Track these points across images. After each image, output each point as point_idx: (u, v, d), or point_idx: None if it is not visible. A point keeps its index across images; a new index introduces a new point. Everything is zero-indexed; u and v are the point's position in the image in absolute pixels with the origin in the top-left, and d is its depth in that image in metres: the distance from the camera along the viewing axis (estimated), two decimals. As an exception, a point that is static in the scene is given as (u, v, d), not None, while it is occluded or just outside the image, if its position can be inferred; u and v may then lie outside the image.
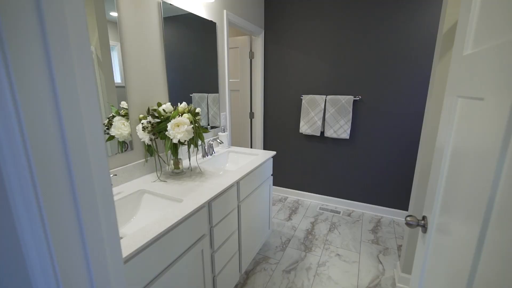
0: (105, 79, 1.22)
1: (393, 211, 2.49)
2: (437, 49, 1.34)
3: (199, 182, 1.30)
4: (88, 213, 0.37)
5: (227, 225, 1.34)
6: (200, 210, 1.10)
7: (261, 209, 1.80)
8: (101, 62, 1.19)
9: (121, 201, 1.13)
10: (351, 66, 2.37)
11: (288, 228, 2.31)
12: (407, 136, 2.29)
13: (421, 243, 0.86)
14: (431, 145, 1.40)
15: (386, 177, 2.45)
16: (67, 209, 0.34)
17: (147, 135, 1.23)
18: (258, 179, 1.68)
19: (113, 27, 1.20)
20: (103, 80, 1.21)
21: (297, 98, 2.67)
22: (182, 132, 1.22)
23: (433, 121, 1.38)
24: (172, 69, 1.55)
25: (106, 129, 1.25)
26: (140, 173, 1.37)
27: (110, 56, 1.22)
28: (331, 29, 2.38)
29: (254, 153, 1.87)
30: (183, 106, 1.34)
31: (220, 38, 1.98)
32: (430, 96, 1.40)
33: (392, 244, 2.08)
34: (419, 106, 2.19)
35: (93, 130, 0.36)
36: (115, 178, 1.22)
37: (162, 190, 1.21)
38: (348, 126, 2.40)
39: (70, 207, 0.34)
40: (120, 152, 1.32)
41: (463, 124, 0.63)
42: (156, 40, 1.41)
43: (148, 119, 1.24)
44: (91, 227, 0.37)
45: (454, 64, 0.72)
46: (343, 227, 2.33)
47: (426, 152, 1.43)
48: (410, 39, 2.12)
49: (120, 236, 1.06)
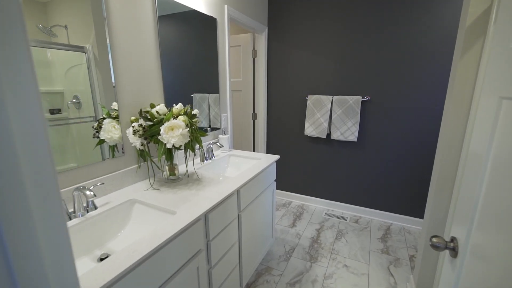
0: (102, 79, 1.13)
1: (403, 217, 2.36)
2: (458, 44, 1.21)
3: (196, 191, 1.19)
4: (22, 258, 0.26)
5: (226, 238, 1.23)
6: (196, 224, 0.99)
7: (264, 217, 1.68)
8: (98, 61, 1.11)
9: (108, 212, 1.03)
10: (360, 64, 2.24)
11: (292, 236, 2.19)
12: (419, 138, 2.15)
13: (448, 269, 0.74)
14: (451, 149, 1.27)
15: (395, 182, 2.32)
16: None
17: (139, 140, 1.12)
18: (261, 185, 1.57)
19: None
20: (100, 80, 1.13)
21: (302, 99, 2.55)
22: (176, 136, 1.11)
23: (453, 123, 1.25)
24: (169, 68, 1.44)
25: (95, 132, 1.15)
26: (132, 180, 1.27)
27: (108, 55, 1.14)
28: (338, 26, 2.25)
29: (256, 157, 1.76)
30: (178, 108, 1.23)
31: (221, 35, 1.87)
32: (450, 96, 1.27)
33: (403, 254, 1.95)
34: (434, 107, 2.06)
35: (29, 131, 0.26)
36: (103, 187, 1.12)
37: (155, 199, 1.10)
38: (356, 128, 2.27)
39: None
40: (112, 157, 1.22)
41: (510, 129, 0.51)
42: (149, 35, 1.30)
43: (139, 122, 1.13)
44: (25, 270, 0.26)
45: (494, 59, 0.60)
46: (350, 234, 2.21)
47: (445, 156, 1.30)
48: (425, 35, 1.98)
49: (106, 253, 0.96)
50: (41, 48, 0.89)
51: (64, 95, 0.97)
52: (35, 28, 0.87)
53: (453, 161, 1.27)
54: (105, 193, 1.14)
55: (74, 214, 0.95)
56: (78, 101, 1.04)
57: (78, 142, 1.06)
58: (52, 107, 0.94)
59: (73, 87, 1.00)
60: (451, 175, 1.29)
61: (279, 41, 2.53)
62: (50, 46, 0.91)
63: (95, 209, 1.00)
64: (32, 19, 0.86)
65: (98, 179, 1.10)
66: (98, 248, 0.97)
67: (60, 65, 0.94)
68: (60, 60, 0.94)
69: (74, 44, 0.99)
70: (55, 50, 0.92)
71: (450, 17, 1.88)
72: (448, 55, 1.94)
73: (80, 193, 0.94)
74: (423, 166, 2.19)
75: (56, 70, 0.93)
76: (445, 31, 1.91)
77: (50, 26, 0.91)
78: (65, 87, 0.97)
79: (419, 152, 2.18)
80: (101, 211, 1.01)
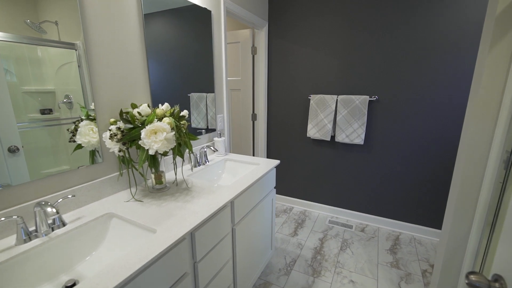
0: (87, 76, 1.01)
1: (413, 226, 2.19)
2: (486, 36, 1.05)
3: (183, 203, 1.04)
4: None
5: (218, 256, 1.09)
6: (180, 244, 0.85)
7: (262, 228, 1.53)
8: (87, 57, 1.00)
9: (79, 229, 0.88)
10: (367, 61, 2.08)
11: (294, 246, 2.04)
12: (432, 141, 1.99)
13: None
14: (475, 154, 1.11)
15: (405, 188, 2.16)
16: None
17: (117, 145, 0.98)
18: (259, 193, 1.42)
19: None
20: (87, 78, 1.01)
21: (305, 98, 2.40)
22: (160, 141, 0.97)
23: (479, 126, 1.09)
24: (159, 65, 1.30)
25: (72, 135, 1.01)
26: (113, 190, 1.13)
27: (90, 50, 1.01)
28: (344, 20, 2.10)
29: (254, 162, 1.61)
30: (164, 108, 1.09)
31: (217, 29, 1.72)
32: (475, 95, 1.11)
33: (415, 269, 1.78)
34: (450, 107, 1.89)
35: None
36: (72, 200, 0.97)
37: (134, 213, 0.96)
38: (363, 130, 2.11)
39: None
40: (91, 163, 1.08)
41: None
42: (133, 25, 1.16)
43: (118, 125, 0.99)
44: None
45: None
46: (356, 245, 2.05)
47: (469, 163, 1.14)
48: (440, 27, 1.82)
49: (73, 279, 0.81)
50: (32, 45, 0.83)
51: (55, 94, 0.92)
52: (23, 24, 0.81)
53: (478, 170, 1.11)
54: (79, 205, 1.00)
55: (36, 233, 0.81)
56: (70, 101, 0.97)
57: (59, 146, 0.94)
58: (43, 107, 0.88)
59: (64, 86, 0.93)
60: (475, 184, 1.13)
61: (280, 37, 2.38)
62: (40, 43, 0.85)
63: (64, 226, 0.86)
64: (20, 14, 0.80)
65: (70, 190, 0.96)
66: (65, 273, 0.83)
67: (50, 63, 0.88)
68: (50, 57, 0.88)
69: (65, 41, 0.92)
70: (45, 47, 0.86)
71: (471, 7, 1.72)
72: (468, 49, 1.77)
73: (41, 210, 0.79)
74: (435, 172, 2.02)
75: (47, 68, 0.88)
76: (464, 22, 1.75)
77: (39, 22, 0.85)
78: (56, 86, 0.91)
79: (432, 157, 2.01)
80: (71, 228, 0.87)
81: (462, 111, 1.87)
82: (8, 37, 0.79)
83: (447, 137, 1.93)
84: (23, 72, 0.82)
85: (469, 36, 1.74)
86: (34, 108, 0.86)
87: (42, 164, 0.90)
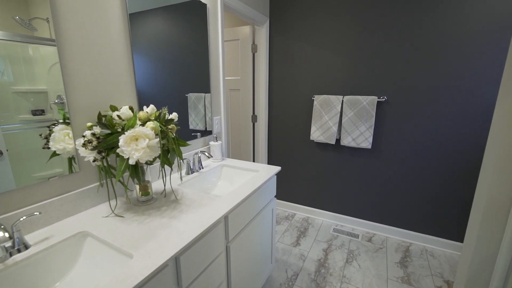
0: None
1: (424, 237, 2.04)
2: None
3: (169, 219, 0.91)
4: None
5: (209, 280, 0.95)
6: (162, 271, 0.72)
7: (261, 241, 1.40)
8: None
9: (45, 253, 0.76)
10: (375, 60, 1.93)
11: (296, 257, 1.90)
12: (446, 145, 1.84)
13: None
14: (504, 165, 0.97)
15: (415, 195, 2.01)
16: None
17: (92, 153, 0.85)
18: (258, 204, 1.29)
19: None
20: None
21: (308, 99, 2.26)
22: (141, 149, 0.84)
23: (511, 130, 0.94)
24: (148, 61, 1.17)
25: (46, 141, 0.89)
26: (92, 203, 1.00)
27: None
28: (350, 15, 1.95)
29: (254, 169, 1.48)
30: (148, 111, 0.96)
31: (213, 25, 1.59)
32: (504, 95, 0.97)
33: (428, 285, 1.64)
34: (473, 109, 1.74)
35: None
36: (40, 217, 0.84)
37: (112, 232, 0.83)
38: (370, 133, 1.97)
39: None
40: (69, 172, 0.96)
41: None
42: (115, 17, 1.03)
43: (93, 130, 0.86)
44: None
45: None
46: (363, 257, 1.90)
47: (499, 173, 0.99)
48: (461, 20, 1.67)
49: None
50: (22, 43, 0.78)
51: (48, 94, 0.86)
52: (11, 20, 0.75)
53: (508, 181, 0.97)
54: (50, 222, 0.87)
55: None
56: (62, 101, 0.90)
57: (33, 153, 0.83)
58: (35, 108, 0.84)
59: (56, 86, 0.87)
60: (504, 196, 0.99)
61: (282, 34, 2.24)
62: (30, 41, 0.80)
63: (26, 250, 0.74)
64: (11, 11, 0.74)
65: (38, 205, 0.84)
66: (24, 307, 0.70)
67: (42, 62, 0.83)
68: (42, 56, 0.83)
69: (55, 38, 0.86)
70: (36, 45, 0.81)
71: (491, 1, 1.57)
72: (492, 43, 1.62)
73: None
74: (450, 178, 1.87)
75: (39, 68, 0.83)
76: (486, 14, 1.60)
77: (29, 19, 0.79)
78: (48, 85, 0.86)
79: (445, 163, 1.86)
80: (34, 252, 0.74)
81: (482, 112, 1.71)
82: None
83: (464, 140, 1.78)
84: (14, 71, 0.76)
85: (496, 30, 1.59)
86: (25, 109, 0.80)
87: (23, 171, 0.81)
